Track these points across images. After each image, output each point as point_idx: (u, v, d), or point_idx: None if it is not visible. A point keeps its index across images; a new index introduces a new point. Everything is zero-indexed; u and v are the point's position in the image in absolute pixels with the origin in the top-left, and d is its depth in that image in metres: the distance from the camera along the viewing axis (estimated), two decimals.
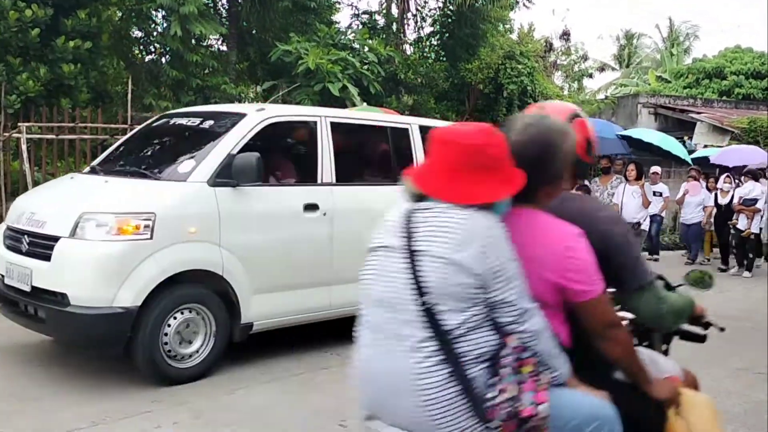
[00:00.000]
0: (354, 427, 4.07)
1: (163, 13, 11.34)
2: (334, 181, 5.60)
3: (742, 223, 10.75)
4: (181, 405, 4.37)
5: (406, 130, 6.29)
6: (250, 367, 5.20)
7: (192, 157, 5.07)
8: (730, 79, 23.95)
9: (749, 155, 13.02)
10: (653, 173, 12.43)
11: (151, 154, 5.84)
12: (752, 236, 10.69)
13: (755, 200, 10.64)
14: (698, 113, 18.70)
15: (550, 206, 2.08)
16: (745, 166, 12.32)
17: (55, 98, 9.15)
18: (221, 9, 12.56)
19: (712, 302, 9.08)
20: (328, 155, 5.59)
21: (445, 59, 14.74)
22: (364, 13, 14.90)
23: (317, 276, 5.45)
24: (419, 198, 2.00)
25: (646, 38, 37.16)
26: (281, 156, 5.82)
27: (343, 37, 12.56)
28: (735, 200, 10.93)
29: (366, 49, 12.19)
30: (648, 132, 10.62)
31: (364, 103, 10.41)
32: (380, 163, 6.44)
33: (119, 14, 11.31)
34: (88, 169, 5.90)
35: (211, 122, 5.57)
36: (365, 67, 11.56)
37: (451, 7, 14.24)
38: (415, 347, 1.86)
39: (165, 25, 11.22)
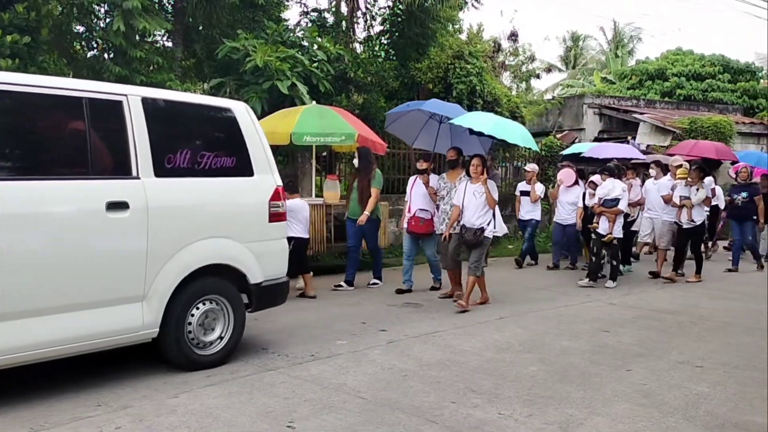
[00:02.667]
0: (302, 428, 4.03)
1: (106, 7, 11.06)
2: None
3: (603, 226, 9.42)
4: (124, 409, 4.27)
5: (118, 104, 4.80)
6: (195, 370, 5.10)
7: None
8: (672, 81, 24.62)
9: (621, 151, 12.29)
10: (528, 170, 11.64)
11: None
12: (615, 241, 9.42)
13: (616, 200, 9.37)
14: (641, 114, 19.17)
15: None
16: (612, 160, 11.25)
17: None
18: (166, 4, 12.30)
19: (654, 297, 9.37)
20: None
21: (395, 58, 14.75)
22: (313, 10, 14.81)
23: None
24: None
25: (592, 40, 38.04)
26: None
27: (291, 34, 12.42)
28: (595, 201, 9.65)
29: (315, 47, 12.08)
30: (478, 119, 8.25)
31: (314, 102, 10.35)
32: (68, 149, 4.71)
33: (60, 8, 10.93)
34: None
35: None
36: (314, 65, 11.46)
37: (400, 6, 14.26)
38: None
39: (108, 20, 10.94)
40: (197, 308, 5.17)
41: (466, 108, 13.68)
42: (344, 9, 14.83)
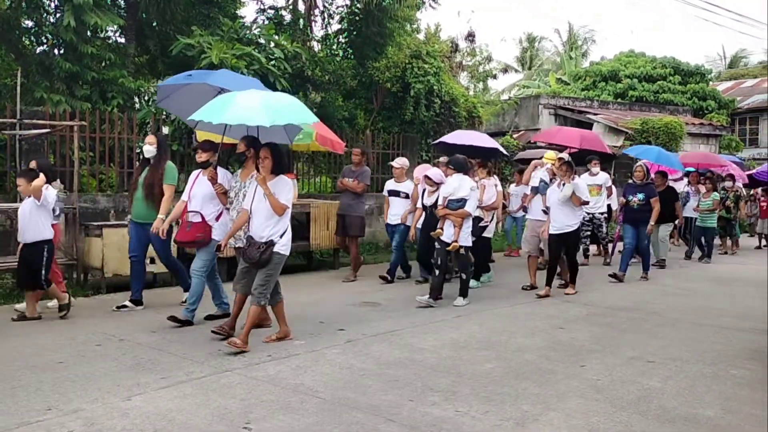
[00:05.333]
0: (259, 429, 3.99)
1: (56, 2, 10.81)
2: None
3: (447, 232, 7.73)
4: (75, 413, 4.16)
5: None
6: (148, 372, 5.01)
7: None
8: (625, 82, 25.16)
9: (482, 139, 10.10)
10: (396, 167, 9.66)
11: None
12: (461, 250, 7.77)
13: (463, 201, 7.68)
14: (595, 114, 19.55)
15: None
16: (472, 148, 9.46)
17: None
18: (119, 0, 12.07)
19: (607, 295, 9.52)
20: None
21: (352, 57, 14.72)
22: (270, 8, 14.65)
23: None
24: None
25: (547, 42, 38.71)
26: None
27: (248, 32, 12.28)
28: (440, 201, 7.94)
29: (272, 44, 11.98)
30: (249, 109, 5.78)
31: None
32: None
33: (8, 2, 10.64)
34: None
35: None
36: (271, 63, 11.36)
37: (358, 5, 14.24)
38: None
39: (58, 15, 10.69)
40: None
41: (423, 108, 13.78)
42: (302, 7, 14.76)
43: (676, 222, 12.00)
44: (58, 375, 4.88)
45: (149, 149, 7.14)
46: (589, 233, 11.29)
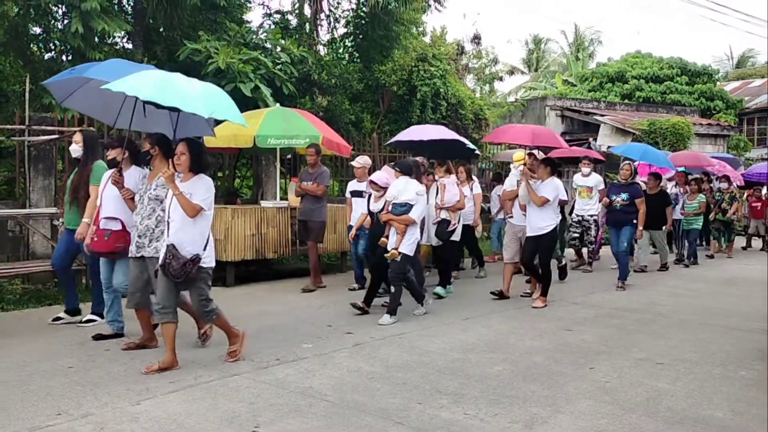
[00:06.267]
0: None
1: (64, 8, 10.86)
2: None
3: (392, 240, 7.20)
4: (85, 417, 4.19)
5: None
6: (157, 376, 5.03)
7: None
8: (632, 83, 25.09)
9: (441, 133, 9.75)
10: (357, 167, 9.01)
11: None
12: (399, 257, 7.07)
13: (408, 206, 7.13)
14: (602, 115, 19.52)
15: None
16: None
17: None
18: (126, 6, 12.11)
19: (615, 296, 9.49)
20: None
21: (358, 60, 14.77)
22: (276, 12, 14.70)
23: None
24: None
25: (553, 43, 38.64)
26: None
27: (254, 36, 12.35)
28: (380, 205, 7.58)
29: (278, 49, 12.04)
30: (138, 81, 5.03)
31: (277, 104, 10.29)
32: None
33: (16, 9, 10.70)
34: None
35: None
36: (278, 67, 11.41)
37: (364, 9, 14.28)
38: None
39: (66, 21, 10.75)
40: None
41: (430, 110, 13.79)
42: (307, 11, 14.79)
43: (663, 228, 11.46)
44: (67, 379, 4.91)
45: (75, 148, 6.46)
46: (577, 235, 11.00)
